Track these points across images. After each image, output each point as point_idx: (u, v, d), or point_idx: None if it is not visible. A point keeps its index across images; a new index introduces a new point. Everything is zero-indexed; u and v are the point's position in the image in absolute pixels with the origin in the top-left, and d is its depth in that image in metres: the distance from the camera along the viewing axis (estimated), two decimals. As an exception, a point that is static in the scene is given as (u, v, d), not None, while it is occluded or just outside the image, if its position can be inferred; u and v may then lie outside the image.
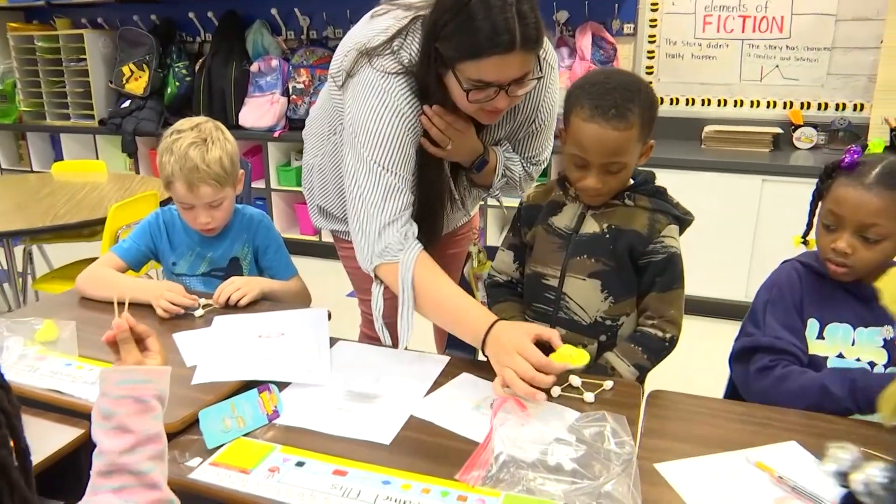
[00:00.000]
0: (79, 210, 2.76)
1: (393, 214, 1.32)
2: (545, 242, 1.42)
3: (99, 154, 4.89)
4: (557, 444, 1.06)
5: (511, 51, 1.20)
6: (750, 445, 1.09)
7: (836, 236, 1.25)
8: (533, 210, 1.47)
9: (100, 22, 4.99)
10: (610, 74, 1.31)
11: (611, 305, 1.38)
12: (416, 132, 1.39)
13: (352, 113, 1.38)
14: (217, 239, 1.80)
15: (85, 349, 1.39)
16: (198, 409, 1.15)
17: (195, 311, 1.58)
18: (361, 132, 1.35)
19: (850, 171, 1.24)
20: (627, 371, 1.34)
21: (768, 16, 3.49)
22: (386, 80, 1.34)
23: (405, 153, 1.35)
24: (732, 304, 3.25)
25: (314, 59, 4.25)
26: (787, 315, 1.31)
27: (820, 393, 1.21)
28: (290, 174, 4.35)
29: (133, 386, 0.90)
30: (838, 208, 1.24)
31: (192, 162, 1.63)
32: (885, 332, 1.27)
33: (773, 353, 1.29)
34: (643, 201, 1.37)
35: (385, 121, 1.34)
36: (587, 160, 1.28)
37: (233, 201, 1.77)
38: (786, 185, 3.12)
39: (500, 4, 1.18)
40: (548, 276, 1.42)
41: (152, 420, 0.90)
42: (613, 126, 1.24)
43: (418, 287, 1.29)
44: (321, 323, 1.50)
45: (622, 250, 1.35)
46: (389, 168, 1.33)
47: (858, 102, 3.44)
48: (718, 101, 3.69)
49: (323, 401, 1.22)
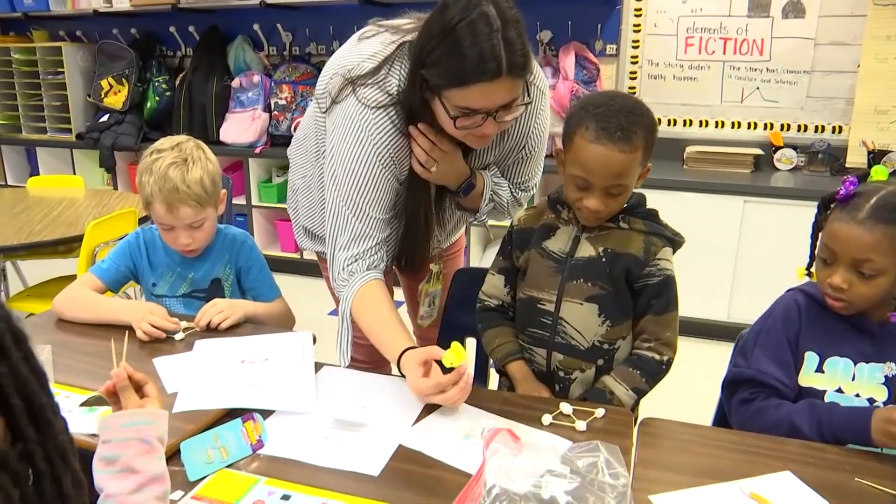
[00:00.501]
0: (55, 227, 2.70)
1: (354, 257, 1.41)
2: (539, 266, 1.40)
3: (76, 169, 4.81)
4: (551, 477, 1.04)
5: (498, 78, 1.19)
6: (744, 475, 1.08)
7: (832, 271, 1.23)
8: (525, 233, 1.45)
9: (78, 35, 4.93)
10: (613, 97, 1.30)
11: (608, 329, 1.37)
12: (395, 170, 1.40)
13: (333, 146, 1.39)
14: (198, 259, 1.76)
15: (60, 375, 1.34)
16: (179, 439, 1.12)
17: (175, 334, 1.54)
18: (339, 173, 1.38)
19: (845, 203, 1.22)
20: (626, 396, 1.33)
21: (749, 38, 3.54)
22: (368, 116, 1.34)
23: (380, 193, 1.40)
24: (715, 325, 3.26)
25: (297, 76, 4.23)
26: (777, 348, 1.30)
27: (789, 429, 1.22)
28: (271, 191, 4.31)
29: (138, 428, 0.93)
30: (832, 243, 1.22)
31: (171, 182, 1.59)
32: (887, 369, 1.24)
33: (755, 385, 1.30)
34: (638, 224, 1.36)
35: (362, 160, 1.36)
36: (590, 182, 1.27)
37: (214, 221, 1.73)
38: (767, 206, 3.15)
39: (486, 31, 1.17)
40: (543, 300, 1.40)
41: (157, 460, 0.93)
42: (619, 148, 1.23)
43: (355, 316, 1.41)
44: (306, 347, 1.47)
45: (619, 274, 1.34)
46: (360, 212, 1.39)
47: (837, 125, 3.49)
48: (700, 122, 3.73)
49: (308, 429, 1.19)
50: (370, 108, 1.33)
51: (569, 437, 1.17)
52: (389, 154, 1.37)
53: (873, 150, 3.34)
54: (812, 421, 1.21)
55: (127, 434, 0.92)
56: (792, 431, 1.21)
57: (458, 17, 1.18)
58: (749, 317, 1.41)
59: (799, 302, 1.33)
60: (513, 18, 1.20)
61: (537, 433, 1.18)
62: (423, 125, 1.36)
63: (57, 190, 3.54)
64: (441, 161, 1.40)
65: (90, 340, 1.51)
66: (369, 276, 1.40)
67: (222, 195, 1.74)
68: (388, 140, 1.36)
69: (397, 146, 1.38)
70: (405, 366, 1.28)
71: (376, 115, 1.34)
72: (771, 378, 1.28)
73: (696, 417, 1.37)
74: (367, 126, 1.34)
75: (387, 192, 1.41)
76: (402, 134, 1.38)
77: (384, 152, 1.36)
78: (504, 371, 1.47)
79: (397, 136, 1.37)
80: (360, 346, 1.78)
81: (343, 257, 1.41)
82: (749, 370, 1.31)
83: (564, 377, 1.40)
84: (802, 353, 1.29)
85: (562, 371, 1.40)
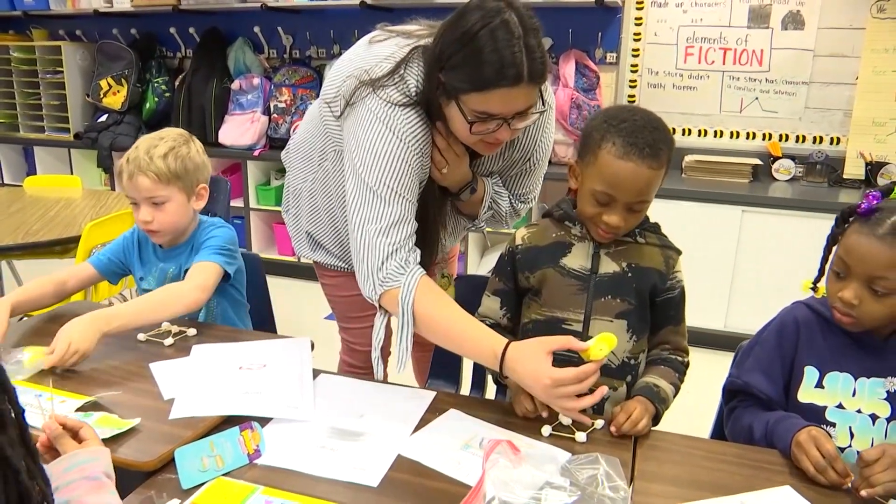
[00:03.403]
0: (52, 227, 2.68)
1: (396, 243, 1.29)
2: (559, 285, 1.36)
3: (74, 169, 4.79)
4: (550, 489, 1.03)
5: (518, 84, 1.20)
6: (744, 489, 1.08)
7: (844, 285, 1.19)
8: (532, 252, 1.40)
9: (78, 34, 4.92)
10: (634, 111, 1.29)
11: (634, 344, 1.36)
12: (422, 161, 1.36)
13: (356, 140, 1.34)
14: (176, 253, 1.76)
15: (55, 380, 1.32)
16: (175, 446, 1.11)
17: (165, 339, 1.53)
18: (367, 159, 1.31)
19: (866, 217, 1.18)
20: (669, 387, 1.33)
21: (748, 49, 3.54)
22: (395, 112, 1.32)
23: (411, 179, 1.33)
24: (712, 334, 3.25)
25: (297, 79, 4.22)
26: (770, 361, 1.30)
27: (748, 433, 1.25)
28: (269, 193, 4.30)
29: (81, 467, 0.92)
30: (848, 257, 1.19)
31: (136, 153, 1.64)
32: (889, 385, 1.23)
33: (745, 396, 1.32)
34: (652, 238, 1.37)
35: (392, 146, 1.31)
36: (614, 197, 1.25)
37: (183, 208, 1.69)
38: (765, 216, 3.15)
39: (507, 38, 1.18)
40: (569, 320, 1.36)
41: (109, 495, 0.91)
42: (648, 164, 1.22)
43: (419, 311, 1.26)
44: (304, 354, 1.46)
45: (644, 288, 1.34)
46: (394, 194, 1.30)
47: (835, 136, 3.50)
48: (699, 132, 3.73)
49: (306, 438, 1.18)
50: (395, 105, 1.32)
51: (569, 448, 1.16)
52: (419, 147, 1.34)
53: (871, 161, 3.35)
54: (765, 426, 1.23)
55: (71, 476, 0.90)
56: (750, 436, 1.25)
57: (480, 23, 1.19)
58: (746, 326, 1.42)
59: (798, 316, 1.31)
60: (533, 27, 1.21)
61: (537, 444, 1.18)
62: (440, 124, 1.36)
63: (54, 190, 3.52)
64: (452, 163, 1.41)
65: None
66: (422, 271, 1.31)
67: (200, 189, 1.72)
68: (414, 131, 1.33)
69: (421, 141, 1.34)
70: (524, 356, 1.17)
71: (405, 112, 1.32)
72: (758, 390, 1.29)
73: (694, 426, 1.37)
74: (396, 116, 1.31)
75: (415, 181, 1.35)
76: (429, 131, 1.36)
77: (412, 139, 1.32)
78: (502, 382, 1.43)
79: (422, 131, 1.34)
80: (356, 351, 1.78)
81: (384, 243, 1.29)
82: (739, 381, 1.33)
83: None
84: (802, 368, 1.28)
85: None
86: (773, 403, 1.28)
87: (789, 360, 1.30)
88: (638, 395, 1.29)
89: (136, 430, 1.16)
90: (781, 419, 1.22)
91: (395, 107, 1.32)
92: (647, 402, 1.26)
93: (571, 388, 1.12)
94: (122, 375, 1.37)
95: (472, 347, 1.25)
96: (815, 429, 1.15)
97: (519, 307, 1.45)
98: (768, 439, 1.22)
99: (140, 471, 1.07)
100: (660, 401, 1.28)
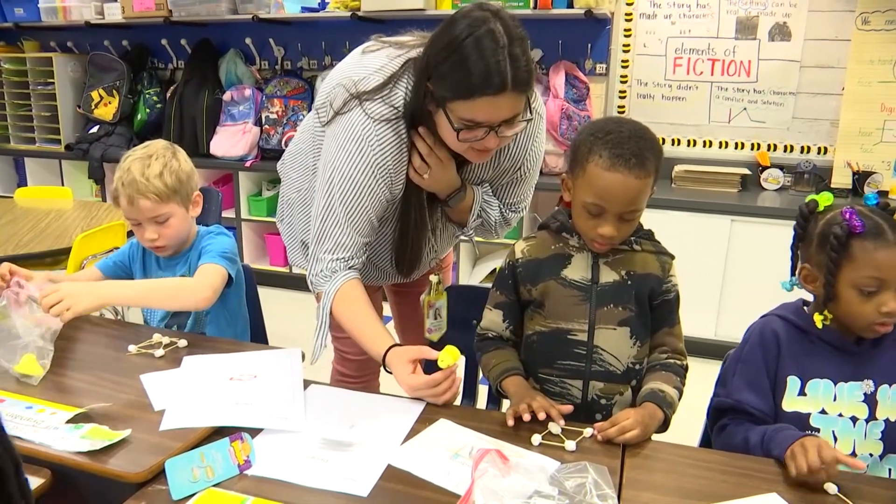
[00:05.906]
0: (43, 239, 2.68)
1: (336, 259, 1.44)
2: (562, 297, 1.38)
3: (64, 180, 4.78)
4: (539, 498, 1.04)
5: (503, 92, 1.22)
6: (731, 497, 1.08)
7: (886, 297, 1.20)
8: (533, 265, 1.41)
9: (69, 46, 4.92)
10: (620, 122, 1.31)
11: (637, 349, 1.38)
12: (391, 184, 1.41)
13: (330, 153, 1.39)
14: (174, 262, 1.77)
15: (46, 392, 1.33)
16: (165, 457, 1.11)
17: (156, 351, 1.53)
18: (336, 177, 1.39)
19: (863, 234, 1.20)
20: (674, 391, 1.34)
21: (736, 60, 3.58)
22: (371, 128, 1.35)
23: (373, 204, 1.42)
24: (703, 343, 3.26)
25: (288, 90, 4.23)
26: (756, 375, 1.32)
27: (743, 446, 1.25)
28: (261, 204, 4.30)
29: None
30: (881, 272, 1.19)
31: (131, 175, 1.64)
32: (865, 387, 1.26)
33: (735, 413, 1.33)
34: (647, 245, 1.39)
35: (359, 172, 1.38)
36: (605, 208, 1.27)
37: (184, 220, 1.72)
38: (754, 226, 3.18)
39: (492, 46, 1.20)
40: (574, 330, 1.37)
41: None
42: (636, 175, 1.24)
43: (335, 312, 1.44)
44: (295, 365, 1.46)
45: (643, 294, 1.37)
46: (351, 221, 1.41)
47: (822, 146, 3.54)
48: (688, 142, 3.77)
49: (296, 449, 1.18)
50: (375, 121, 1.35)
51: (558, 457, 1.17)
52: (388, 167, 1.39)
53: (858, 171, 3.39)
54: (760, 437, 1.24)
55: None
56: (746, 448, 1.25)
57: (466, 32, 1.22)
58: (736, 335, 1.43)
59: (777, 328, 1.33)
60: (519, 36, 1.24)
61: (526, 454, 1.18)
62: (423, 129, 1.38)
63: (45, 201, 3.51)
64: (434, 167, 1.42)
65: (77, 357, 1.51)
66: (350, 276, 1.45)
67: (195, 197, 1.74)
68: (390, 153, 1.37)
69: (396, 160, 1.39)
70: (394, 362, 1.35)
71: (379, 128, 1.36)
72: (748, 406, 1.30)
73: (683, 434, 1.38)
74: (368, 137, 1.36)
75: (380, 203, 1.43)
76: (404, 148, 1.39)
77: (383, 165, 1.38)
78: (500, 392, 1.42)
79: (398, 150, 1.38)
80: (348, 360, 1.79)
81: (328, 258, 1.45)
82: (728, 399, 1.33)
83: (607, 404, 1.38)
84: (784, 378, 1.30)
85: (603, 399, 1.38)
86: (766, 418, 1.29)
87: (773, 372, 1.31)
88: (645, 401, 1.31)
89: (127, 442, 1.16)
90: (781, 429, 1.23)
91: (375, 123, 1.35)
92: (643, 413, 1.26)
93: (426, 392, 1.32)
94: (112, 387, 1.37)
95: (370, 348, 1.41)
96: (820, 438, 1.17)
97: (521, 319, 1.47)
98: (765, 446, 1.22)
99: (130, 482, 1.07)
100: (667, 405, 1.30)
